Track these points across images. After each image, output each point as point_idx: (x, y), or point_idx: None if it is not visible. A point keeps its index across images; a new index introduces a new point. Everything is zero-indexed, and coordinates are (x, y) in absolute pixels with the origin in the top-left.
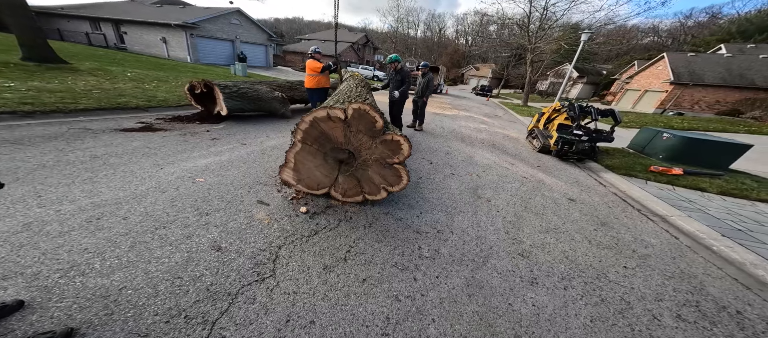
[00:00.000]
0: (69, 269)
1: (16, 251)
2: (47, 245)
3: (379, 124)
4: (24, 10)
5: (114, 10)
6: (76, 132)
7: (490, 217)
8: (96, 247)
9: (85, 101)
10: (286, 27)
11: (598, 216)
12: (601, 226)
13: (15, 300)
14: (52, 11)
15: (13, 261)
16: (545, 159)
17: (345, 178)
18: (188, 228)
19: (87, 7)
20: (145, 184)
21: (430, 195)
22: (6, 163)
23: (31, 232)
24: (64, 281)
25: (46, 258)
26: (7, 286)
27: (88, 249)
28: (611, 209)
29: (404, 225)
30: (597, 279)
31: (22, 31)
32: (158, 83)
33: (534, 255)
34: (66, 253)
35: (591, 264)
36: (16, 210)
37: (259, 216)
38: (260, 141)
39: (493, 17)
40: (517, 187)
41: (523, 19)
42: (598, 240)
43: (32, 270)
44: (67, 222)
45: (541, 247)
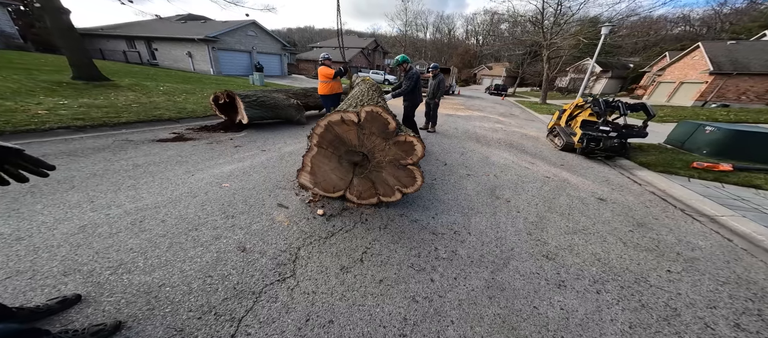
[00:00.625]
0: (117, 267)
1: (75, 250)
2: (99, 245)
3: (392, 126)
4: (72, 32)
5: (146, 29)
6: (120, 143)
7: (510, 218)
8: (139, 247)
9: (126, 115)
10: (298, 36)
11: (633, 216)
12: (637, 227)
13: (74, 294)
14: (94, 32)
15: (73, 259)
16: (569, 157)
17: (360, 181)
18: (217, 230)
19: (123, 26)
20: (179, 190)
21: (446, 197)
22: (64, 173)
23: (86, 234)
24: (114, 278)
25: (98, 257)
26: (68, 282)
27: (133, 249)
28: (649, 209)
29: (420, 226)
30: (635, 283)
31: (72, 53)
32: (187, 95)
33: (561, 257)
34: (115, 252)
35: (627, 267)
36: (73, 214)
37: (279, 218)
38: (278, 147)
39: (504, 15)
40: (538, 187)
41: (536, 15)
42: (635, 242)
43: (87, 268)
44: (115, 224)
45: (568, 249)
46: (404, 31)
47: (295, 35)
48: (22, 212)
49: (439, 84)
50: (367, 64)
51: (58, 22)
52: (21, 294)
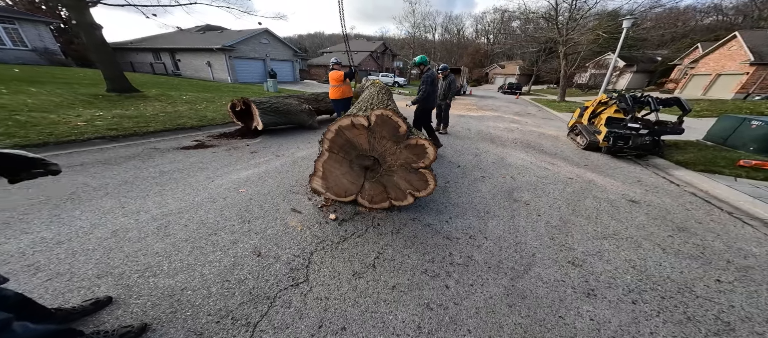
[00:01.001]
0: (145, 270)
1: (108, 254)
2: (129, 249)
3: (402, 129)
4: (104, 47)
5: (169, 41)
6: (148, 151)
7: (529, 222)
8: (164, 251)
9: (154, 124)
10: (308, 42)
11: (672, 220)
12: (678, 232)
13: (106, 296)
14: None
15: (105, 262)
16: (593, 157)
17: (371, 185)
18: (234, 234)
19: (149, 39)
20: (200, 195)
21: (460, 200)
22: (99, 180)
23: (118, 238)
24: (141, 281)
25: (128, 260)
26: (101, 284)
27: (158, 253)
28: (690, 212)
29: (433, 230)
30: (679, 293)
31: (106, 67)
32: (207, 104)
33: (589, 263)
34: (142, 256)
35: (668, 276)
36: (107, 219)
37: (292, 223)
38: (291, 152)
39: (515, 13)
40: (560, 189)
41: (550, 11)
42: (677, 249)
43: (118, 271)
44: (143, 229)
45: (597, 255)
46: (412, 32)
47: (305, 41)
48: (63, 218)
49: (449, 85)
50: (376, 67)
51: (91, 37)
52: (60, 295)
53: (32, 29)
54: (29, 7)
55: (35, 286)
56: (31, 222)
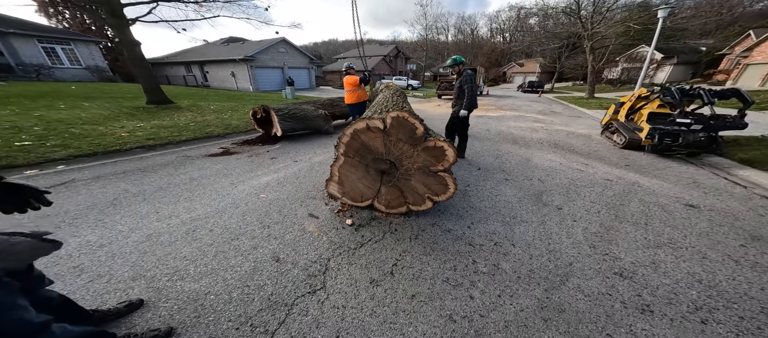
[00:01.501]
0: (173, 273)
1: (142, 257)
2: (161, 252)
3: (419, 131)
4: (143, 62)
5: (198, 54)
6: (181, 159)
7: (564, 228)
8: (192, 255)
9: (186, 133)
10: (323, 49)
11: (742, 227)
12: (752, 241)
13: (138, 299)
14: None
15: (140, 265)
16: (635, 156)
17: (388, 189)
18: (254, 239)
19: (181, 54)
20: (225, 201)
21: (482, 204)
22: (138, 187)
23: (152, 242)
24: (170, 284)
25: (159, 264)
26: (134, 286)
27: (186, 257)
28: (765, 218)
29: (454, 236)
30: (762, 313)
31: (145, 80)
32: (232, 112)
33: (641, 275)
34: (172, 260)
35: (746, 292)
36: (143, 223)
37: (309, 228)
38: (309, 157)
39: (533, 9)
40: (598, 192)
41: (570, 5)
42: (753, 260)
43: (151, 274)
44: (173, 233)
45: (651, 266)
46: (424, 35)
47: (320, 49)
48: (106, 222)
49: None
50: (389, 71)
51: (132, 53)
52: (98, 296)
53: (85, 49)
54: (81, 28)
55: (78, 287)
56: (80, 226)
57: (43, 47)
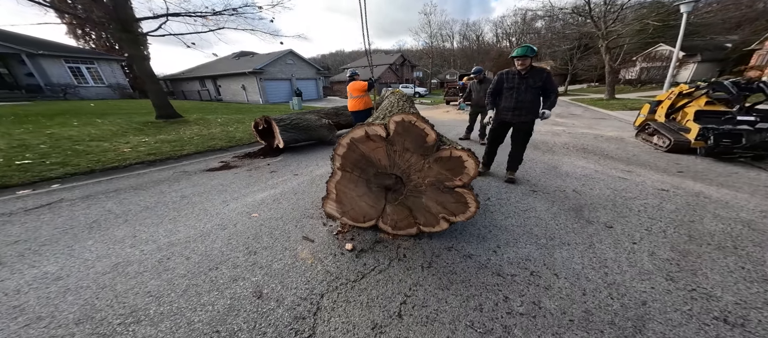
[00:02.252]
0: (129, 314)
1: (98, 293)
2: (122, 286)
3: (430, 138)
4: (153, 77)
5: (211, 69)
6: (177, 175)
7: (622, 253)
8: (157, 290)
9: (188, 147)
10: (330, 61)
11: None
12: None
13: None
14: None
15: (92, 304)
16: (686, 160)
17: (394, 208)
18: (236, 269)
19: (195, 69)
20: (212, 221)
21: (508, 222)
22: (124, 207)
23: (116, 273)
24: (121, 329)
25: (116, 301)
26: (76, 332)
27: (150, 292)
28: None
29: (477, 264)
30: None
31: (154, 95)
32: (238, 125)
33: (756, 322)
34: (133, 296)
35: None
36: (114, 250)
37: (302, 254)
38: (310, 170)
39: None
40: (655, 205)
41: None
42: None
43: (101, 315)
44: (144, 262)
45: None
46: (430, 42)
47: (328, 60)
48: (74, 249)
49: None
50: (396, 79)
51: (142, 68)
52: None
53: (107, 67)
54: (105, 47)
55: (11, 333)
56: (44, 254)
57: (70, 67)
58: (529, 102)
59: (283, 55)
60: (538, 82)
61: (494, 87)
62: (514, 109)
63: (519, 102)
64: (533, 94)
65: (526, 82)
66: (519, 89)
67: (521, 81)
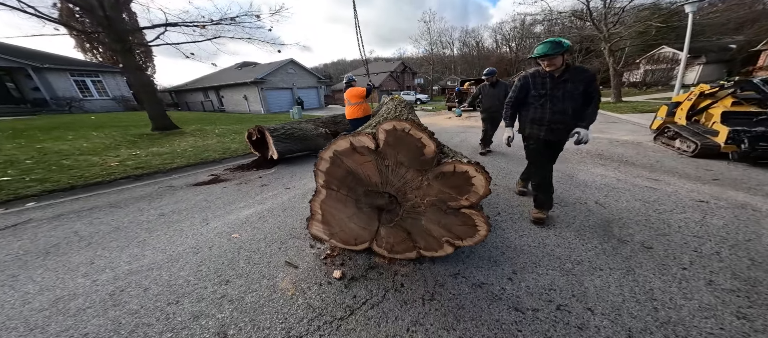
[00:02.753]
0: None
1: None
2: (57, 327)
3: (428, 150)
4: (149, 87)
5: (214, 80)
6: (162, 190)
7: (671, 281)
8: (96, 332)
9: (179, 160)
10: (332, 69)
11: None
12: None
13: None
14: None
15: None
16: (717, 166)
17: (389, 231)
18: (201, 303)
19: (199, 80)
20: (186, 243)
21: (523, 241)
22: (93, 227)
23: (55, 310)
24: None
25: None
26: None
27: (87, 335)
28: None
29: (489, 295)
30: None
31: (150, 107)
32: (235, 135)
33: None
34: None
35: None
36: (62, 280)
37: (283, 284)
38: (303, 183)
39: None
40: (697, 220)
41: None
42: None
43: None
44: (92, 296)
45: None
46: (430, 50)
47: (329, 69)
48: (19, 279)
49: (507, 92)
50: (397, 87)
51: (137, 79)
52: None
53: (112, 80)
54: (111, 60)
55: None
56: None
57: (75, 80)
58: (568, 114)
59: (284, 64)
60: (581, 86)
61: (515, 95)
62: (550, 123)
63: (555, 114)
64: (574, 101)
65: (563, 87)
66: (553, 97)
67: (556, 86)
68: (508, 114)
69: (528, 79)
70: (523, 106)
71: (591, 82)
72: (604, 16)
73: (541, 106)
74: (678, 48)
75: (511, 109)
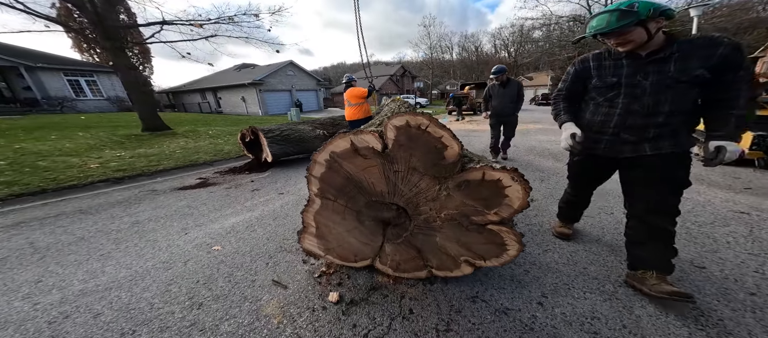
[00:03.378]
0: None
1: None
2: None
3: (451, 152)
4: (139, 87)
5: (211, 81)
6: (143, 194)
7: (743, 310)
8: None
9: (166, 162)
10: (332, 73)
11: None
12: None
13: None
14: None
15: None
16: (743, 173)
17: (396, 248)
18: (163, 334)
19: (196, 82)
20: (157, 257)
21: (548, 257)
22: (54, 237)
23: None
24: None
25: None
26: None
27: None
28: None
29: (518, 325)
30: None
31: (141, 107)
32: (229, 137)
33: None
34: None
35: None
36: None
37: (268, 309)
38: (299, 188)
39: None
40: (746, 234)
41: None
42: None
43: None
44: (26, 324)
45: None
46: (430, 54)
47: (329, 72)
48: None
49: (519, 91)
50: (396, 90)
51: (127, 76)
52: None
53: (106, 80)
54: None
55: None
56: None
57: (69, 80)
58: (668, 114)
59: (283, 66)
60: (697, 69)
61: (568, 85)
62: (620, 128)
63: (634, 115)
64: (681, 95)
65: (658, 71)
66: (634, 88)
67: (642, 70)
68: (561, 108)
69: (588, 63)
70: (575, 103)
71: (726, 60)
72: None
73: (607, 103)
74: None
75: (564, 101)
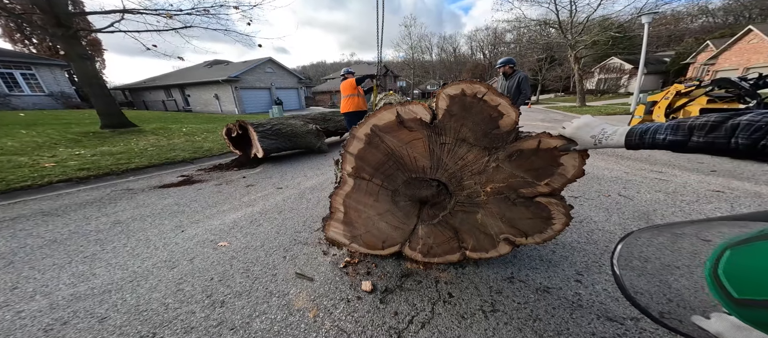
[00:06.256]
0: None
1: None
2: None
3: (507, 120)
4: (96, 80)
5: (178, 77)
6: (117, 194)
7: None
8: None
9: (137, 160)
10: (312, 72)
11: None
12: None
13: None
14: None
15: None
16: (706, 159)
17: (430, 230)
18: (190, 334)
19: (160, 78)
20: (155, 256)
21: (567, 237)
22: (17, 242)
23: None
24: None
25: None
26: None
27: None
28: None
29: (565, 302)
30: None
31: (98, 101)
32: (207, 134)
33: None
34: None
35: None
36: None
37: (299, 303)
38: (298, 182)
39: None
40: (729, 210)
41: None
42: None
43: None
44: (15, 334)
45: None
46: (411, 54)
47: (309, 71)
48: None
49: (519, 85)
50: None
51: (81, 68)
52: None
53: (48, 74)
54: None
55: None
56: None
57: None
58: None
59: (261, 62)
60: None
61: None
62: None
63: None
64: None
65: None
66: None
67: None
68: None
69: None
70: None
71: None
72: (571, 25)
73: None
74: (625, 59)
75: None
